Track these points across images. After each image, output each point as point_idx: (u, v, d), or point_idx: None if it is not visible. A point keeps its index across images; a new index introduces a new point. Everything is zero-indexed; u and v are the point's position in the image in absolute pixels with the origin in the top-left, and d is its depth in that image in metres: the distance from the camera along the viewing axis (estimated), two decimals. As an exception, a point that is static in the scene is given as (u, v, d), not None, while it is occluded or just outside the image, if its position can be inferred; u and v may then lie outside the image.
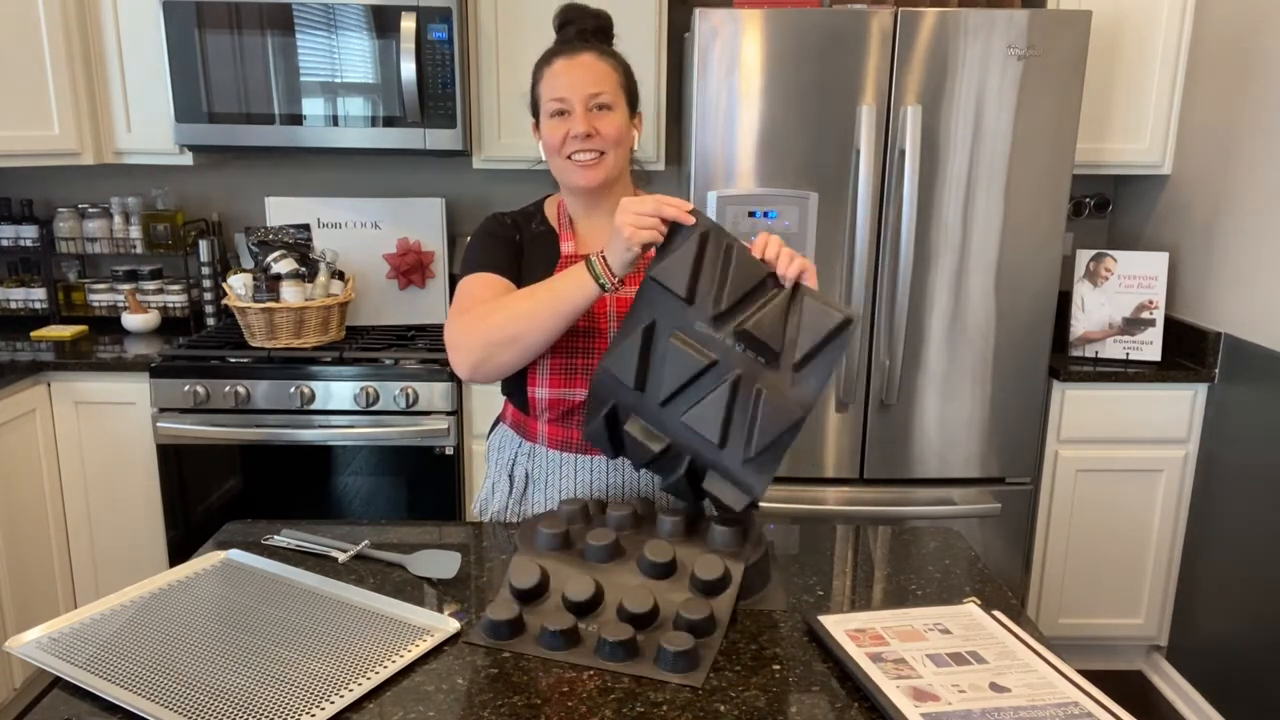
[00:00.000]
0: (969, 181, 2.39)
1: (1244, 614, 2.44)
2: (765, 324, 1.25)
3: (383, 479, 2.56)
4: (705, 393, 1.26)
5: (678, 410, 1.28)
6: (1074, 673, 1.05)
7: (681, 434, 1.28)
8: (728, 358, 1.26)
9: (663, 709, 1.02)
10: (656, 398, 1.29)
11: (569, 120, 1.40)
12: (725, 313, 1.27)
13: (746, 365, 1.26)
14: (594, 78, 1.40)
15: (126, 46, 2.65)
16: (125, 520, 2.62)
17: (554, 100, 1.41)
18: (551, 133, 1.42)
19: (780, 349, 1.25)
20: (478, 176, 3.07)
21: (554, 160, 1.45)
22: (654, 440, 1.29)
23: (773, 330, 1.25)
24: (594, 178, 1.42)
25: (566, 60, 1.41)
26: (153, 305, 2.98)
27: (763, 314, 1.25)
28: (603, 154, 1.42)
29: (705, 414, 1.26)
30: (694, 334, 1.28)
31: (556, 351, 1.43)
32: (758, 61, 2.32)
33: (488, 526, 1.50)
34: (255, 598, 1.23)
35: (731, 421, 1.25)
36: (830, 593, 1.30)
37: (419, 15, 2.52)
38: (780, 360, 1.26)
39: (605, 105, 1.41)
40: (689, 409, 1.27)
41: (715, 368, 1.26)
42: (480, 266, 1.46)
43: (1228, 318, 2.54)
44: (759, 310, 1.26)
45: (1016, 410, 2.53)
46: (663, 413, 1.29)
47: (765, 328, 1.25)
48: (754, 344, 1.25)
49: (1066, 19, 2.31)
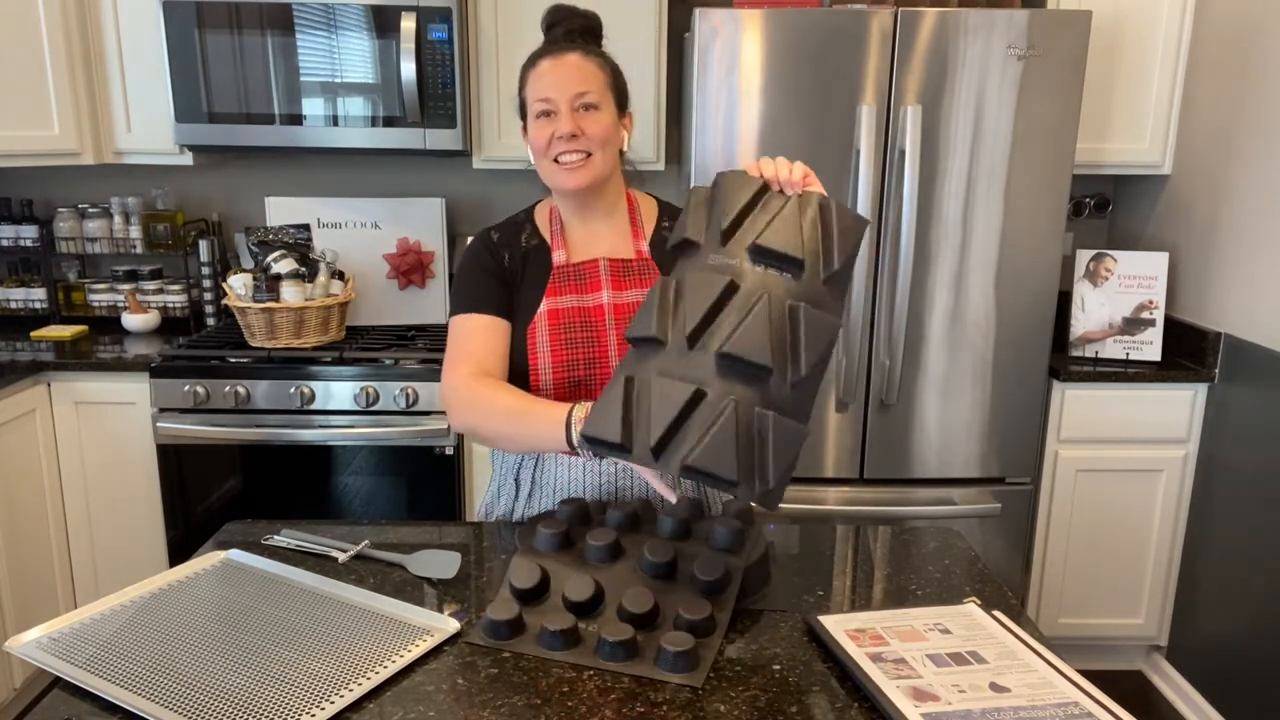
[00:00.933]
0: (969, 181, 2.39)
1: (1244, 614, 2.44)
2: (778, 236, 1.17)
3: (383, 479, 2.56)
4: (739, 317, 1.15)
5: (710, 347, 1.15)
6: (1074, 673, 1.05)
7: (716, 373, 1.14)
8: (749, 279, 1.17)
9: (663, 709, 1.02)
10: (681, 339, 1.16)
11: (555, 121, 1.38)
12: (730, 231, 1.20)
13: (771, 283, 1.17)
14: (579, 77, 1.38)
15: (126, 46, 2.65)
16: (125, 520, 2.62)
17: (539, 101, 1.39)
18: (538, 134, 1.39)
19: (803, 258, 1.17)
20: (478, 176, 3.07)
21: (541, 163, 1.42)
22: (685, 385, 1.13)
23: (790, 241, 1.17)
24: (580, 179, 1.40)
25: (552, 60, 1.39)
26: (153, 305, 2.98)
27: (773, 226, 1.19)
28: (589, 155, 1.39)
29: (750, 337, 1.12)
30: (707, 267, 1.19)
31: (558, 368, 1.42)
32: (758, 61, 2.32)
33: (488, 526, 1.50)
34: (255, 598, 1.23)
35: (777, 341, 1.14)
36: (830, 593, 1.30)
37: (419, 15, 2.52)
38: (806, 272, 1.17)
39: (591, 105, 1.38)
40: (728, 338, 1.13)
41: (740, 290, 1.16)
42: (470, 305, 1.45)
43: (1228, 318, 2.54)
44: (768, 225, 1.19)
45: (1016, 410, 2.53)
46: (690, 357, 1.15)
47: (781, 239, 1.17)
48: (774, 259, 1.18)
49: (1066, 19, 2.31)
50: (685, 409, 1.12)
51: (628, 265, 1.47)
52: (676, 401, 1.12)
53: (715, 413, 1.11)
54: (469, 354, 1.42)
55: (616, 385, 1.17)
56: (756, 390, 1.13)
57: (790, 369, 1.14)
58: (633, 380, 1.17)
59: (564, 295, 1.45)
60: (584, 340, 1.43)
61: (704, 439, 1.10)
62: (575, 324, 1.43)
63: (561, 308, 1.44)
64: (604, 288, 1.45)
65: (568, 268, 1.46)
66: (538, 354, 1.42)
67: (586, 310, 1.44)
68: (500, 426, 1.35)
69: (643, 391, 1.15)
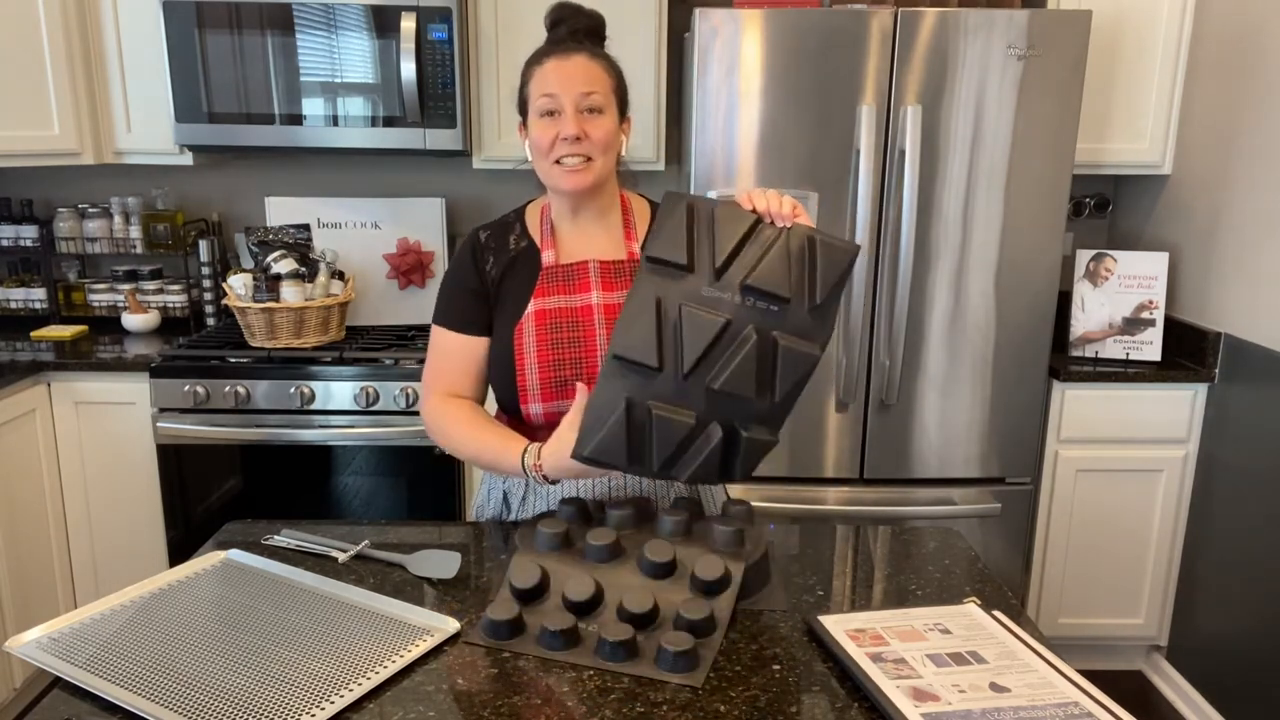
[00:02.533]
0: (969, 181, 2.39)
1: (1244, 614, 2.44)
2: (769, 273, 1.26)
3: (383, 479, 2.56)
4: (728, 355, 1.26)
5: (701, 380, 1.26)
6: (1074, 673, 1.05)
7: (708, 403, 1.27)
8: (740, 314, 1.27)
9: (663, 709, 1.02)
10: (676, 372, 1.27)
11: (559, 121, 1.37)
12: (724, 267, 1.27)
13: (758, 317, 1.27)
14: (586, 78, 1.38)
15: (126, 46, 2.65)
16: (125, 520, 2.62)
17: (545, 98, 1.38)
18: (541, 133, 1.39)
19: (790, 295, 1.27)
20: (478, 176, 3.07)
21: (541, 163, 1.42)
22: (684, 414, 1.27)
23: (779, 278, 1.26)
24: (581, 183, 1.40)
25: (559, 60, 1.39)
26: (153, 305, 2.98)
27: (764, 264, 1.27)
28: (590, 159, 1.39)
29: (739, 376, 1.25)
30: (702, 300, 1.28)
31: (544, 367, 1.42)
32: (758, 61, 2.32)
33: (488, 526, 1.50)
34: (255, 598, 1.23)
35: (761, 373, 1.26)
36: (830, 593, 1.30)
37: (419, 15, 2.52)
38: (791, 305, 1.27)
39: (596, 108, 1.38)
40: (718, 374, 1.26)
41: (730, 327, 1.26)
42: (447, 321, 1.50)
43: (1228, 318, 2.54)
44: (760, 260, 1.27)
45: (1016, 410, 2.53)
46: (686, 386, 1.27)
47: (770, 277, 1.26)
48: (763, 295, 1.26)
49: (1066, 19, 2.31)
50: (684, 440, 1.27)
51: (619, 266, 1.47)
52: (678, 434, 1.26)
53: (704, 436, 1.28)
54: (442, 373, 1.51)
55: (616, 407, 1.26)
56: (740, 412, 1.28)
57: (770, 394, 1.28)
58: (631, 405, 1.27)
59: (552, 296, 1.45)
60: (570, 340, 1.43)
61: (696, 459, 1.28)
62: (562, 324, 1.44)
63: (549, 308, 1.44)
64: (593, 288, 1.45)
65: (556, 268, 1.46)
66: (524, 354, 1.43)
67: (574, 310, 1.44)
68: (468, 449, 1.45)
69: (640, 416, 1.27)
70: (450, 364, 1.50)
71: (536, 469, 1.36)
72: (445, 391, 1.50)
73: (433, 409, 1.49)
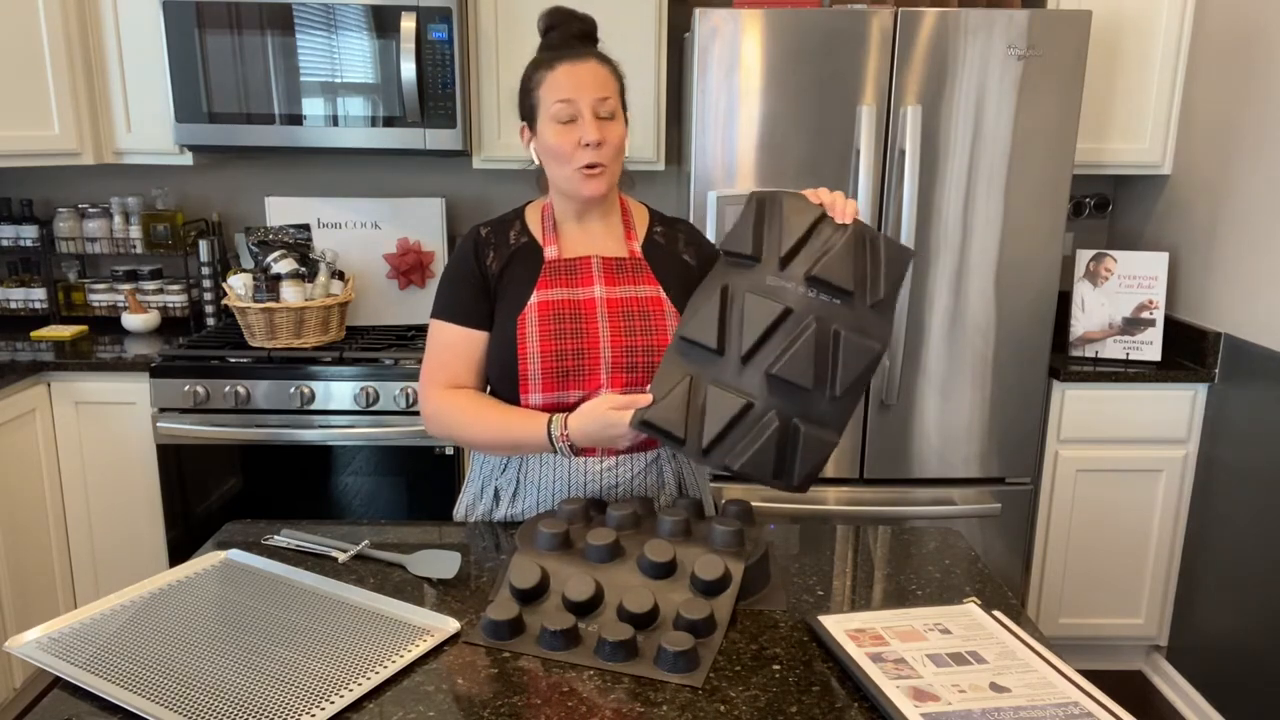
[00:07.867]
0: (969, 181, 2.39)
1: (1244, 614, 2.44)
2: (834, 266, 1.31)
3: (383, 479, 2.56)
4: (788, 341, 1.30)
5: (761, 365, 1.31)
6: (1074, 673, 1.05)
7: (767, 390, 1.31)
8: (802, 304, 1.31)
9: (663, 709, 1.02)
10: (737, 355, 1.32)
11: (579, 127, 1.38)
12: (789, 257, 1.33)
13: (821, 309, 1.31)
14: (601, 84, 1.40)
15: (126, 46, 2.65)
16: (125, 520, 2.62)
17: (561, 103, 1.38)
18: (561, 139, 1.39)
19: (852, 288, 1.31)
20: (478, 176, 3.07)
21: (561, 169, 1.42)
22: (740, 394, 1.31)
23: (842, 272, 1.31)
24: (601, 187, 1.42)
25: (571, 65, 1.39)
26: (153, 305, 2.98)
27: (829, 257, 1.31)
28: (605, 166, 1.41)
29: (796, 362, 1.29)
30: (766, 289, 1.33)
31: (546, 357, 1.43)
32: (758, 61, 2.32)
33: (487, 526, 1.50)
34: (255, 598, 1.23)
35: (820, 364, 1.30)
36: (830, 593, 1.30)
37: (419, 15, 2.52)
38: (854, 300, 1.31)
39: (610, 113, 1.41)
40: (777, 359, 1.30)
41: (791, 315, 1.31)
42: (448, 314, 1.50)
43: (1228, 318, 2.54)
44: (824, 254, 1.32)
45: (1016, 410, 2.53)
46: (743, 372, 1.32)
47: (835, 269, 1.31)
48: (826, 288, 1.31)
49: (1066, 19, 2.31)
50: (735, 418, 1.30)
51: (621, 263, 1.49)
52: (729, 411, 1.29)
53: (760, 424, 1.30)
54: (444, 366, 1.50)
55: (679, 381, 1.32)
56: (799, 405, 1.30)
57: (830, 389, 1.31)
58: (692, 381, 1.32)
59: (555, 288, 1.46)
60: (573, 331, 1.44)
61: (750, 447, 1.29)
62: (565, 315, 1.45)
63: (552, 299, 1.45)
64: (596, 282, 1.47)
65: (560, 262, 1.48)
66: (527, 344, 1.43)
67: (578, 302, 1.46)
68: (477, 436, 1.45)
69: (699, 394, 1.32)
70: (453, 356, 1.50)
71: (564, 438, 1.38)
72: (448, 384, 1.49)
73: (438, 401, 1.49)
